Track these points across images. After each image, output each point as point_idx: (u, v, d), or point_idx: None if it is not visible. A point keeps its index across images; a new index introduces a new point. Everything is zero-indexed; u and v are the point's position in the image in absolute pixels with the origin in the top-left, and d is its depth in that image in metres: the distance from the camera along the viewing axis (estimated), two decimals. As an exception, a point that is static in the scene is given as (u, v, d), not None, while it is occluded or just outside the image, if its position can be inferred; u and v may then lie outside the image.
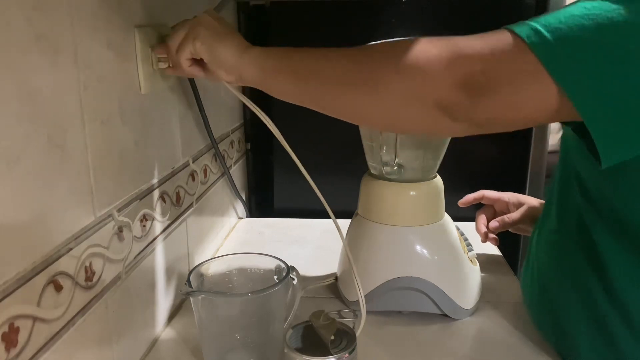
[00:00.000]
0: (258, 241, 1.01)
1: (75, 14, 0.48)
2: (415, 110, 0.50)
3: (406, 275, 0.69)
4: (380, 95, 0.51)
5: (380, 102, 0.52)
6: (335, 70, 0.54)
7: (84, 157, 0.49)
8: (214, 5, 0.75)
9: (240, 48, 0.58)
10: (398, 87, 0.50)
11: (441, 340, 0.68)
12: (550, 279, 0.63)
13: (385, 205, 0.71)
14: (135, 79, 0.60)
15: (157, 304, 0.68)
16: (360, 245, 0.72)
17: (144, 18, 0.62)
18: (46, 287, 0.44)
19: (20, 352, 0.41)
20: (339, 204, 0.65)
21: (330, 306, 0.74)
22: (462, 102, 0.47)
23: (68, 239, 0.47)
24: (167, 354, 0.65)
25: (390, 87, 0.50)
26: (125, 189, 0.58)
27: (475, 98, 0.47)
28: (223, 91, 0.98)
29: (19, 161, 0.40)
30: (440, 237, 0.72)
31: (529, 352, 0.65)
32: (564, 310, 0.60)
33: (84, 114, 0.49)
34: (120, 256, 0.57)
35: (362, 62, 0.53)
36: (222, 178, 0.97)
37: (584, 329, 0.57)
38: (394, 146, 0.67)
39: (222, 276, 0.64)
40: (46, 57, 0.44)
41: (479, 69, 0.47)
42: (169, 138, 0.72)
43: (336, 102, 0.55)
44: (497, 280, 0.82)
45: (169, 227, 0.71)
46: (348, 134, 0.77)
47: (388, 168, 0.69)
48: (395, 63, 0.49)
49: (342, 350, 0.52)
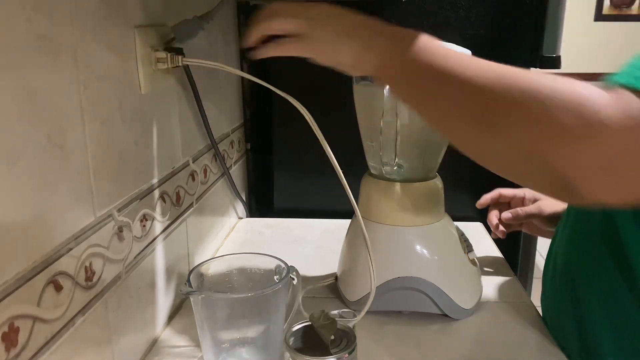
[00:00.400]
0: (258, 241, 1.01)
1: (76, 14, 0.48)
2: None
3: (406, 275, 0.69)
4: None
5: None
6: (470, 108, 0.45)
7: (84, 157, 0.50)
8: (213, 5, 0.75)
9: (360, 51, 0.50)
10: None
11: (441, 340, 0.68)
12: (572, 278, 0.63)
13: (385, 205, 0.71)
14: (135, 79, 0.60)
15: (157, 304, 0.68)
16: (360, 245, 0.72)
17: (144, 18, 0.62)
18: (46, 287, 0.44)
19: (20, 352, 0.41)
20: (339, 204, 0.65)
21: (330, 306, 0.74)
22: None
23: (68, 239, 0.47)
24: (167, 354, 0.65)
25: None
26: (125, 189, 0.58)
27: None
28: (223, 91, 0.98)
29: (18, 161, 0.40)
30: (440, 237, 0.72)
31: (529, 352, 0.65)
32: (587, 312, 0.60)
33: (84, 114, 0.49)
34: (120, 256, 0.57)
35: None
36: (222, 178, 0.97)
37: (607, 327, 0.57)
38: (394, 146, 0.67)
39: (222, 276, 0.64)
40: (46, 57, 0.44)
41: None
42: (169, 138, 0.72)
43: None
44: (497, 280, 0.82)
45: (169, 227, 0.71)
46: (348, 134, 0.77)
47: (388, 168, 0.69)
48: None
49: (342, 350, 0.52)
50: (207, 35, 0.84)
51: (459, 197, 0.88)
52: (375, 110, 0.68)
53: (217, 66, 0.67)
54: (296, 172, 1.20)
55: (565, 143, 0.40)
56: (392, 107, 0.64)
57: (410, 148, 0.70)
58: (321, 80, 1.12)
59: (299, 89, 0.64)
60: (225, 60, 1.00)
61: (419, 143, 0.70)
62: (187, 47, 0.68)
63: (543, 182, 0.44)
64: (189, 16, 0.70)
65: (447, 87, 0.46)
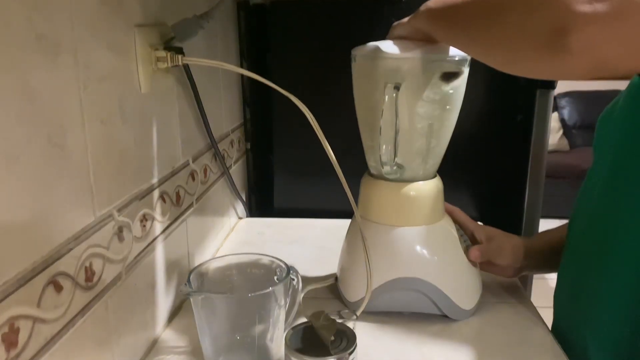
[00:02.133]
0: (258, 241, 1.01)
1: (76, 14, 0.47)
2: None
3: (406, 276, 0.69)
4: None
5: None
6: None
7: (84, 157, 0.49)
8: (213, 4, 0.75)
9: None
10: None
11: (441, 340, 0.68)
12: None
13: (385, 206, 0.71)
14: (135, 79, 0.60)
15: (157, 304, 0.68)
16: (360, 245, 0.72)
17: (144, 18, 0.62)
18: (46, 288, 0.44)
19: (20, 353, 0.40)
20: (339, 204, 0.65)
21: (330, 306, 0.74)
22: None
23: (68, 239, 0.47)
24: (167, 354, 0.65)
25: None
26: (125, 189, 0.58)
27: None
28: (223, 90, 0.98)
29: (18, 161, 0.40)
30: (440, 237, 0.72)
31: (529, 352, 0.65)
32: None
33: (84, 114, 0.49)
34: (120, 256, 0.57)
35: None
36: (222, 178, 0.97)
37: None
38: (393, 146, 0.66)
39: (222, 276, 0.64)
40: (46, 57, 0.43)
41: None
42: (169, 138, 0.72)
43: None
44: (497, 280, 0.82)
45: (169, 227, 0.71)
46: (348, 134, 0.77)
47: (387, 168, 0.69)
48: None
49: (342, 350, 0.52)
50: (207, 35, 0.84)
51: (459, 197, 0.88)
52: (374, 106, 0.68)
53: (217, 65, 0.66)
54: (296, 172, 1.20)
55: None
56: (391, 104, 0.64)
57: (410, 148, 0.70)
58: (321, 79, 1.12)
59: (299, 89, 0.64)
60: (225, 59, 1.00)
61: (418, 143, 0.70)
62: (186, 46, 0.68)
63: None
64: (189, 15, 0.70)
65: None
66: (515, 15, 0.46)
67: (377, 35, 0.70)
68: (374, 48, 0.65)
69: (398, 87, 0.63)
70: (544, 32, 0.44)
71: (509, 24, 0.47)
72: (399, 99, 0.63)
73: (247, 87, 1.13)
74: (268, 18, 1.12)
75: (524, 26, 0.45)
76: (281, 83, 0.63)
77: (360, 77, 0.70)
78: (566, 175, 3.47)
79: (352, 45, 0.69)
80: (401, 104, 0.64)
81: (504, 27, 0.48)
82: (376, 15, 1.07)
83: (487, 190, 1.17)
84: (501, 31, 0.49)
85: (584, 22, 0.41)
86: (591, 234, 0.63)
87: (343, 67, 0.71)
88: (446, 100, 0.67)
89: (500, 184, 1.16)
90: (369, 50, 0.66)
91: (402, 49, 0.64)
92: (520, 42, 0.47)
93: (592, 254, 0.62)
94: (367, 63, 0.67)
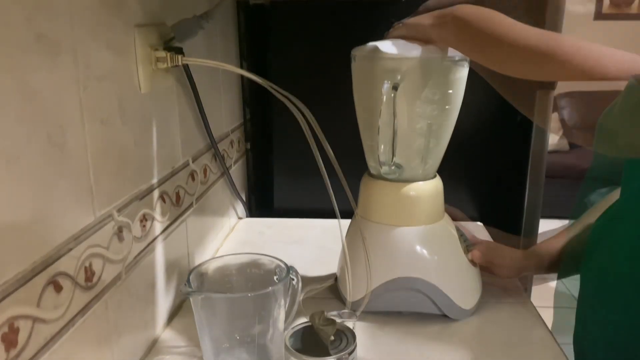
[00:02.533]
0: (258, 241, 1.01)
1: (76, 14, 0.47)
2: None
3: (406, 276, 0.69)
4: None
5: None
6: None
7: (83, 157, 0.49)
8: (213, 5, 0.75)
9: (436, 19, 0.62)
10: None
11: (441, 340, 0.68)
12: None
13: (385, 206, 0.71)
14: (135, 79, 0.60)
15: (157, 304, 0.68)
16: (360, 245, 0.72)
17: (144, 18, 0.62)
18: (46, 288, 0.44)
19: (20, 353, 0.40)
20: (339, 204, 0.65)
21: (330, 306, 0.74)
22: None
23: (68, 239, 0.47)
24: (167, 354, 0.65)
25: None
26: (125, 189, 0.58)
27: None
28: (223, 91, 0.98)
29: (18, 161, 0.40)
30: (440, 237, 0.72)
31: (529, 352, 0.65)
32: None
33: (84, 114, 0.49)
34: (120, 256, 0.57)
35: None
36: (222, 178, 0.97)
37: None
38: (391, 146, 0.66)
39: (222, 276, 0.64)
40: (46, 57, 0.43)
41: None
42: (169, 138, 0.72)
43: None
44: (497, 280, 0.82)
45: (169, 227, 0.71)
46: (348, 134, 0.77)
47: (386, 168, 0.69)
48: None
49: (342, 350, 0.52)
50: (206, 35, 0.84)
51: (459, 197, 0.88)
52: (374, 106, 0.68)
53: (217, 65, 0.66)
54: (296, 172, 1.20)
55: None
56: (389, 104, 0.64)
57: (409, 148, 0.70)
58: (321, 80, 1.12)
59: (299, 89, 0.64)
60: (225, 59, 1.00)
61: (417, 143, 0.70)
62: (186, 46, 0.68)
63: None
64: (189, 15, 0.70)
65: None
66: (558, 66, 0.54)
67: (377, 35, 0.70)
68: (373, 48, 0.65)
69: (396, 87, 0.63)
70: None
71: (546, 73, 0.57)
72: (398, 99, 0.63)
73: (247, 87, 1.13)
74: (268, 18, 1.12)
75: (560, 74, 0.55)
76: (281, 83, 0.63)
77: (359, 77, 0.70)
78: (566, 175, 3.46)
79: (352, 45, 0.69)
80: (400, 104, 0.64)
81: (540, 74, 0.57)
82: (376, 15, 1.07)
83: (487, 190, 1.17)
84: (534, 74, 0.57)
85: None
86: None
87: (343, 67, 0.71)
88: (445, 101, 0.67)
89: (500, 184, 1.16)
90: (368, 50, 0.66)
91: (400, 50, 0.64)
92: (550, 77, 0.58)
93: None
94: (367, 63, 0.67)
